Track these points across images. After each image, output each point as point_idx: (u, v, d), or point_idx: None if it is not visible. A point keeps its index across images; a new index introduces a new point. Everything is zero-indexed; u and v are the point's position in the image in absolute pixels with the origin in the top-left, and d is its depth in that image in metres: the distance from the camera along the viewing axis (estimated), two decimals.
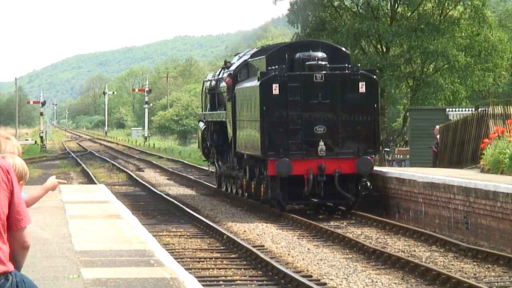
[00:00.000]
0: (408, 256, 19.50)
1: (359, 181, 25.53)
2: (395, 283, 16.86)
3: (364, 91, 25.33)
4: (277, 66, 25.75)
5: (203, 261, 19.43)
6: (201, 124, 35.57)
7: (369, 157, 25.58)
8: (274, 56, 26.85)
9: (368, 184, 25.84)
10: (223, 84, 31.58)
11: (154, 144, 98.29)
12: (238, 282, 17.11)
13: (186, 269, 12.76)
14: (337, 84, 25.39)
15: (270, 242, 22.41)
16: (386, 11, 50.66)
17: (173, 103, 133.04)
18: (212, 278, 17.23)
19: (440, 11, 49.19)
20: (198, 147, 39.32)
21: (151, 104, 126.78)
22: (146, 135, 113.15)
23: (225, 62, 33.67)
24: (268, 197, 25.74)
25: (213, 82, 34.00)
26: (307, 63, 25.61)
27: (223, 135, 31.39)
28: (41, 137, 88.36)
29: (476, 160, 28.72)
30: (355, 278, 17.37)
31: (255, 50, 31.13)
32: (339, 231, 23.14)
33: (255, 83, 26.28)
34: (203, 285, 11.08)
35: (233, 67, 30.66)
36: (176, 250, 20.40)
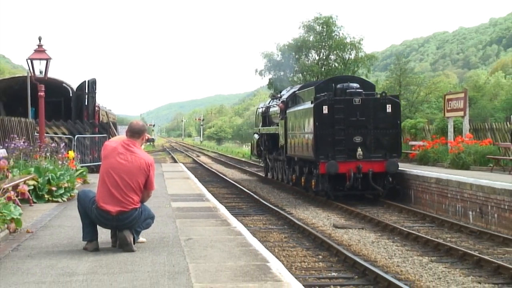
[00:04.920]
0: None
1: (385, 178, 18.30)
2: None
3: (390, 111, 18.47)
4: (325, 93, 18.99)
5: (228, 199, 19.08)
6: (256, 136, 28.09)
7: (395, 160, 18.39)
8: (321, 86, 19.90)
9: (391, 179, 18.35)
10: (273, 109, 24.92)
11: (205, 144, 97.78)
12: (244, 208, 16.77)
13: (220, 202, 12.48)
14: (370, 106, 18.49)
15: (265, 191, 21.99)
16: None
17: (214, 125, 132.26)
18: (232, 206, 16.83)
19: None
20: (251, 151, 30.92)
21: (203, 126, 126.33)
22: (201, 140, 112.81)
23: (272, 95, 26.90)
24: (319, 189, 18.72)
25: (264, 109, 26.81)
26: (347, 90, 18.95)
27: (273, 143, 24.79)
28: (152, 141, 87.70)
29: None
30: (301, 209, 16.98)
31: (300, 85, 24.19)
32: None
33: (308, 105, 19.28)
34: (227, 209, 10.77)
35: (284, 97, 23.41)
36: (215, 194, 19.97)
